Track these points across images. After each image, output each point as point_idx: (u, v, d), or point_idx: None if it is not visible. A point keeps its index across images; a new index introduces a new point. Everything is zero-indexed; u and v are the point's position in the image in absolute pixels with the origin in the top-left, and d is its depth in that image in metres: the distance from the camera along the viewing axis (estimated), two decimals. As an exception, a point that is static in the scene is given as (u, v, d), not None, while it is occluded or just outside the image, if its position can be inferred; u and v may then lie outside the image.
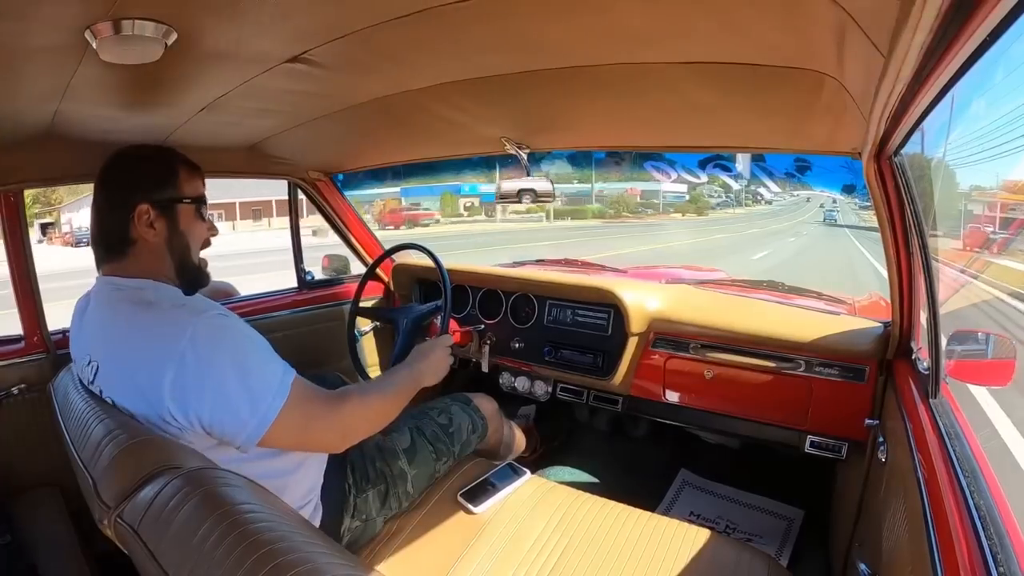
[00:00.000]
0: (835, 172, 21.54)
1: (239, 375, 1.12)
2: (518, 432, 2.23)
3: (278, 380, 1.16)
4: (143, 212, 1.23)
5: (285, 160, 2.28)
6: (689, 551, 1.45)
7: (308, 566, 0.70)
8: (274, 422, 1.13)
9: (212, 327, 1.13)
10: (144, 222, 1.23)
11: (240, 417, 1.11)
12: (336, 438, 1.29)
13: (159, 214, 1.26)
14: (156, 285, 1.24)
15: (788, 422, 1.91)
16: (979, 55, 0.64)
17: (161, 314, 1.16)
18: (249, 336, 1.20)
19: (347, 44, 1.08)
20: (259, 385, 1.13)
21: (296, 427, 1.18)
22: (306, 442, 1.26)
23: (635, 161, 30.79)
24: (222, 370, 1.11)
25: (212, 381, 1.10)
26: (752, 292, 2.38)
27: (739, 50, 1.05)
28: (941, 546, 0.83)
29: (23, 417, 1.79)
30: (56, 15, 0.86)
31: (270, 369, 1.17)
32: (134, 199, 1.23)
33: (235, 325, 1.18)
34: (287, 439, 1.19)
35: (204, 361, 1.10)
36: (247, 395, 1.11)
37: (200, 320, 1.12)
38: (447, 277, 1.99)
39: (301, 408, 1.18)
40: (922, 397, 1.30)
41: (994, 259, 11.31)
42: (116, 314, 1.21)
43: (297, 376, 1.21)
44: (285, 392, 1.15)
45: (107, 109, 1.40)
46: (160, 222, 1.26)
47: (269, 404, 1.13)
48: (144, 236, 1.24)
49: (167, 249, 1.28)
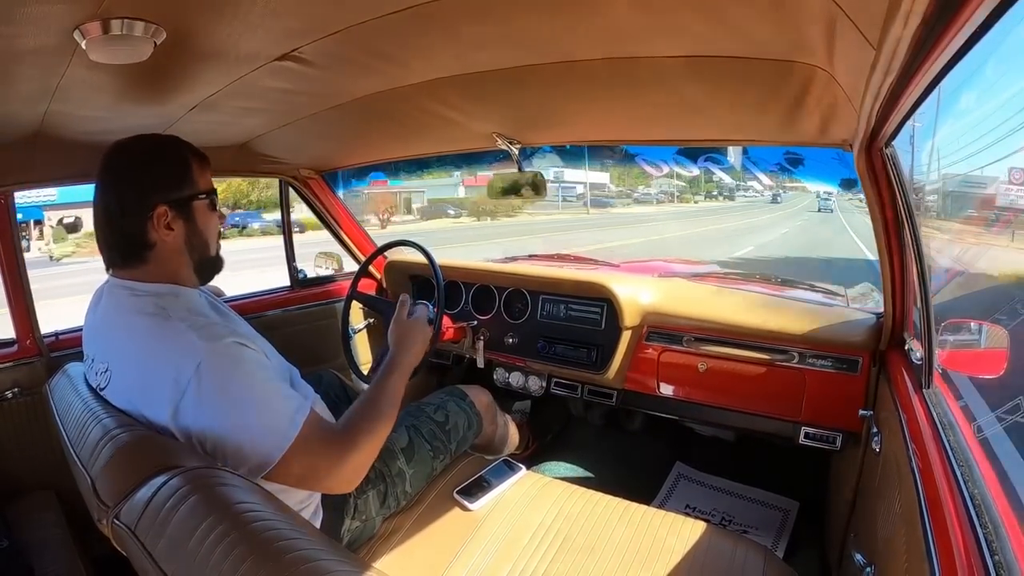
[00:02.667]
0: (828, 164, 21.54)
1: (246, 412, 1.09)
2: (512, 425, 2.22)
3: (288, 420, 1.11)
4: (161, 214, 1.18)
5: (276, 158, 2.27)
6: (685, 544, 1.46)
7: (309, 566, 0.70)
8: (277, 462, 1.09)
9: (227, 357, 1.10)
10: (163, 224, 1.18)
11: (242, 453, 1.08)
12: (343, 483, 1.20)
13: (176, 214, 1.21)
14: (175, 291, 1.21)
15: (782, 414, 1.92)
16: (969, 46, 0.64)
17: (176, 335, 1.11)
18: (263, 367, 1.16)
19: (337, 42, 1.08)
20: (267, 424, 1.10)
21: (303, 469, 1.13)
22: (312, 483, 1.20)
23: (626, 155, 30.67)
24: (229, 405, 1.08)
25: (218, 412, 1.07)
26: (745, 284, 2.38)
27: (729, 44, 1.05)
28: (936, 535, 0.84)
29: (17, 420, 1.78)
30: (44, 16, 0.85)
31: (281, 408, 1.12)
32: (151, 201, 1.17)
33: (250, 356, 1.14)
34: (291, 479, 1.14)
35: (214, 391, 1.07)
36: (250, 434, 1.08)
37: (215, 347, 1.09)
38: (440, 273, 1.99)
39: (309, 450, 1.12)
40: (915, 387, 1.30)
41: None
42: (132, 325, 1.17)
43: (312, 413, 1.16)
44: (293, 435, 1.10)
45: (97, 109, 1.39)
46: (178, 222, 1.21)
47: (275, 444, 1.09)
48: (163, 239, 1.19)
49: (187, 249, 1.24)
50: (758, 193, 40.11)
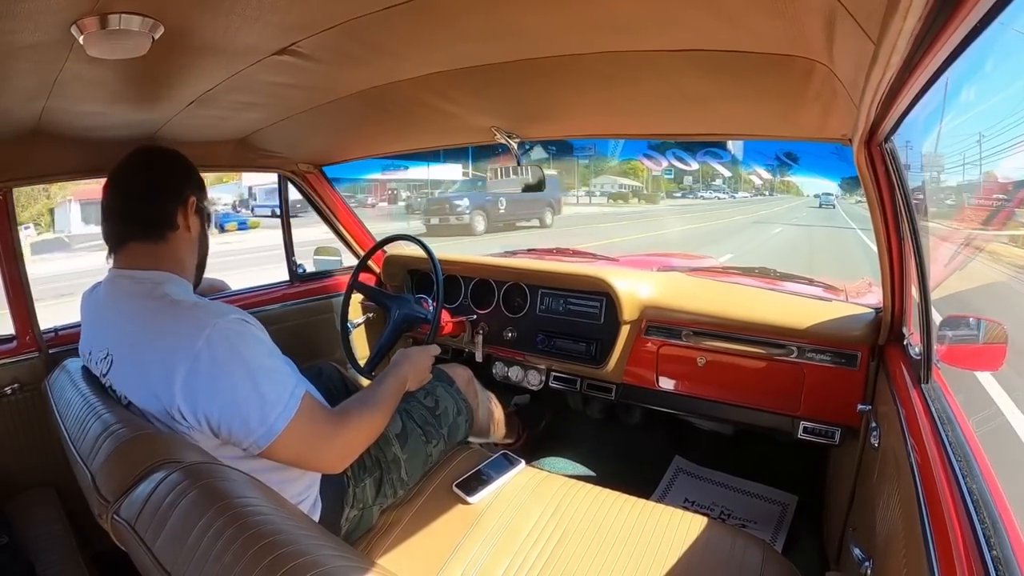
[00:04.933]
0: (825, 159, 21.44)
1: (252, 382, 1.12)
2: (495, 403, 2.18)
3: (289, 393, 1.16)
4: (192, 203, 1.32)
5: (275, 153, 2.26)
6: (684, 538, 1.46)
7: (307, 559, 0.70)
8: (280, 434, 1.13)
9: (231, 331, 1.14)
10: (191, 212, 1.32)
11: (249, 425, 1.11)
12: (335, 460, 1.28)
13: (197, 212, 1.35)
14: (175, 279, 1.27)
15: (781, 408, 1.92)
16: (970, 41, 0.64)
17: (182, 312, 1.17)
18: (266, 344, 1.21)
19: (335, 36, 1.07)
20: (271, 395, 1.14)
21: (301, 443, 1.18)
22: (307, 459, 1.24)
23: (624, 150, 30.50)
24: (236, 374, 1.11)
25: (225, 384, 1.10)
26: (744, 279, 2.38)
27: (728, 37, 1.05)
28: (935, 530, 0.84)
29: (17, 417, 1.78)
30: (42, 11, 0.85)
31: (283, 381, 1.17)
32: (187, 189, 1.32)
33: (254, 332, 1.19)
34: (290, 453, 1.19)
35: (219, 363, 1.10)
36: (258, 402, 1.12)
37: (221, 321, 1.13)
38: (439, 268, 1.99)
39: (308, 425, 1.19)
40: (914, 382, 1.31)
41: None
42: (134, 309, 1.22)
43: (308, 392, 1.21)
44: (295, 406, 1.16)
45: (95, 105, 1.39)
46: (196, 220, 1.34)
47: (279, 415, 1.13)
48: (184, 226, 1.31)
49: (197, 245, 1.36)
50: (729, 193, 38.70)
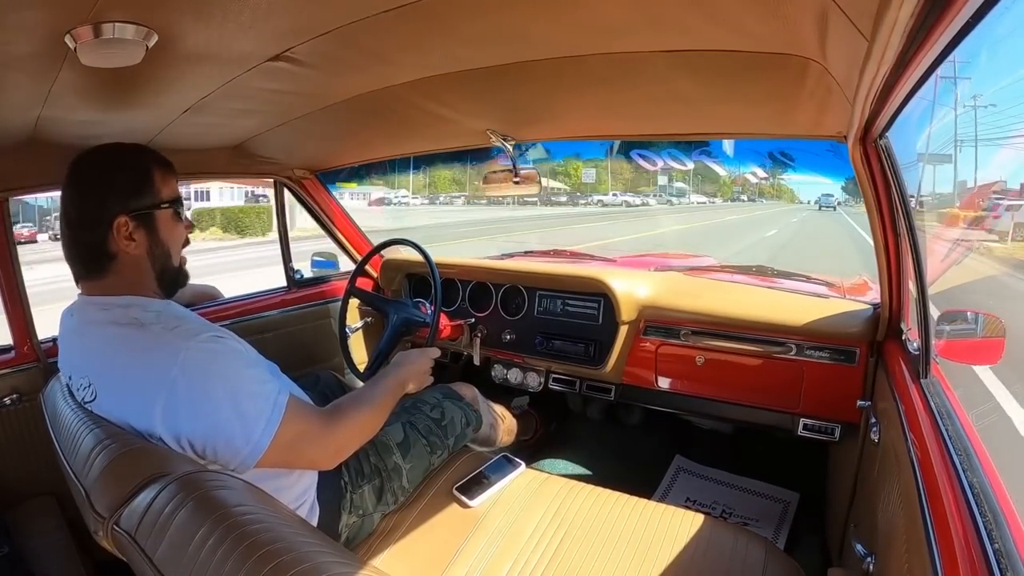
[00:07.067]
0: (822, 156, 21.47)
1: (232, 402, 1.10)
2: (502, 415, 2.20)
3: (272, 404, 1.14)
4: (121, 225, 1.18)
5: (270, 159, 2.26)
6: (686, 537, 1.46)
7: (307, 565, 0.70)
8: (267, 449, 1.12)
9: (205, 351, 1.11)
10: (123, 235, 1.19)
11: (234, 444, 1.10)
12: (328, 457, 1.28)
13: (138, 224, 1.21)
14: (143, 302, 1.21)
15: (781, 406, 1.93)
16: (963, 36, 0.64)
17: (152, 338, 1.12)
18: (244, 355, 1.18)
19: (329, 41, 1.07)
20: (252, 411, 1.12)
21: (290, 450, 1.17)
22: (299, 462, 1.25)
23: (621, 150, 30.59)
24: (215, 397, 1.09)
25: (205, 408, 1.08)
26: (741, 277, 2.39)
27: (721, 37, 1.05)
28: (936, 524, 0.84)
29: (16, 427, 1.78)
30: (35, 20, 0.85)
31: (265, 392, 1.15)
32: (111, 212, 1.18)
33: (227, 349, 1.15)
34: (280, 460, 1.18)
35: (196, 387, 1.08)
36: (240, 422, 1.10)
37: (193, 343, 1.10)
38: (436, 272, 1.99)
39: (295, 431, 1.17)
40: (913, 377, 1.31)
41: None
42: (106, 338, 1.18)
43: (292, 397, 1.19)
44: (279, 417, 1.14)
45: (90, 113, 1.39)
46: (139, 233, 1.21)
47: (263, 430, 1.12)
48: (124, 250, 1.20)
49: (149, 260, 1.24)
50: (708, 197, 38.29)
